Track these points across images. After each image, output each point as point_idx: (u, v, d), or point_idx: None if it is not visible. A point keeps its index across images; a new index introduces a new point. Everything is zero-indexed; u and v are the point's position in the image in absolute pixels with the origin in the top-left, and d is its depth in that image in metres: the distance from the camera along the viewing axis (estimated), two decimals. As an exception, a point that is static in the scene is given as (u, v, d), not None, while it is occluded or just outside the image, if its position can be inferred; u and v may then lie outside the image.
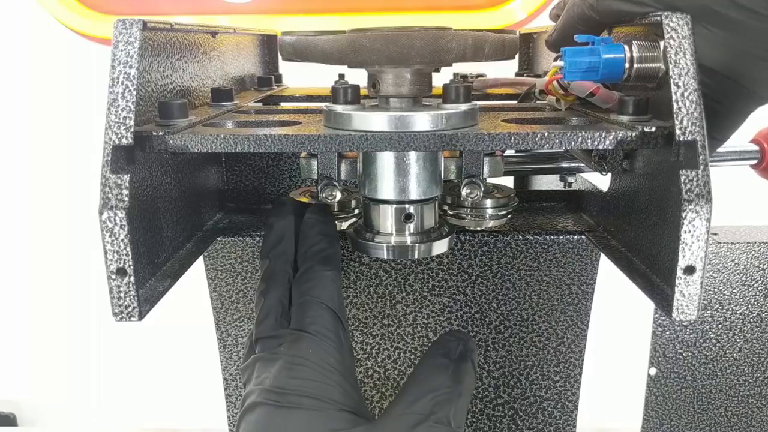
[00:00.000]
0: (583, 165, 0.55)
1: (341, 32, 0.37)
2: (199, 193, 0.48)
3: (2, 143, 1.27)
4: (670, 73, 0.33)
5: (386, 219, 0.43)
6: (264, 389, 0.39)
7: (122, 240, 0.32)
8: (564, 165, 0.58)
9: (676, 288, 0.32)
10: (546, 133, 0.35)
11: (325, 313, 0.41)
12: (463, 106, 0.38)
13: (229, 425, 0.60)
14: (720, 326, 0.70)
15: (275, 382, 0.39)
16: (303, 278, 0.43)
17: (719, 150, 0.58)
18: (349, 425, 0.38)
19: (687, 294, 0.32)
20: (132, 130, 0.33)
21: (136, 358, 1.32)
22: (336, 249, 0.44)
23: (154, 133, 0.34)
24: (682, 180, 0.31)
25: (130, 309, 0.33)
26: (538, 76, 0.62)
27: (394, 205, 0.42)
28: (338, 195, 0.43)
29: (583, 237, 0.51)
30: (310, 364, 0.39)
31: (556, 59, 0.42)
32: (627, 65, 0.36)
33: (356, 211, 0.49)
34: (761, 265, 0.69)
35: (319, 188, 0.43)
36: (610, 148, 0.35)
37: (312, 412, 0.38)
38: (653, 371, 0.72)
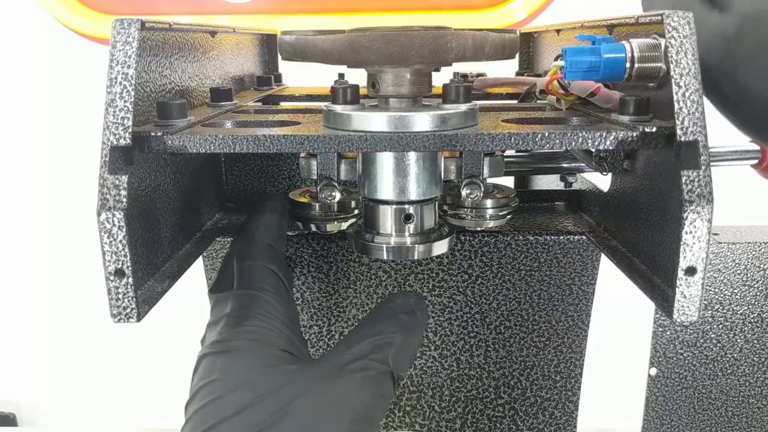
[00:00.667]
0: (583, 165, 0.55)
1: (341, 32, 0.37)
2: (198, 193, 0.48)
3: (1, 143, 1.26)
4: (671, 72, 0.33)
5: (386, 219, 0.43)
6: (208, 344, 0.40)
7: (120, 241, 0.32)
8: (564, 165, 0.58)
9: (677, 289, 0.32)
10: (546, 134, 0.34)
11: (267, 273, 0.42)
12: (463, 106, 0.38)
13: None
14: (721, 326, 0.70)
15: (219, 336, 0.40)
16: (246, 247, 0.44)
17: (720, 150, 0.58)
18: (285, 363, 0.38)
19: (688, 295, 0.32)
20: (130, 130, 0.32)
21: (136, 358, 1.32)
22: (282, 221, 0.46)
23: (153, 134, 0.34)
24: (684, 180, 0.31)
25: (128, 310, 0.33)
26: (539, 75, 0.62)
27: (394, 206, 0.42)
28: (338, 195, 0.42)
29: (584, 237, 0.51)
30: (252, 315, 0.40)
31: (556, 59, 0.42)
32: (628, 65, 0.36)
33: (356, 212, 0.49)
34: (762, 266, 0.68)
35: (318, 188, 0.43)
36: (610, 148, 0.35)
37: (250, 353, 0.38)
38: (654, 371, 0.72)
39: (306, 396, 0.36)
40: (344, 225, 0.49)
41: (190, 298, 0.66)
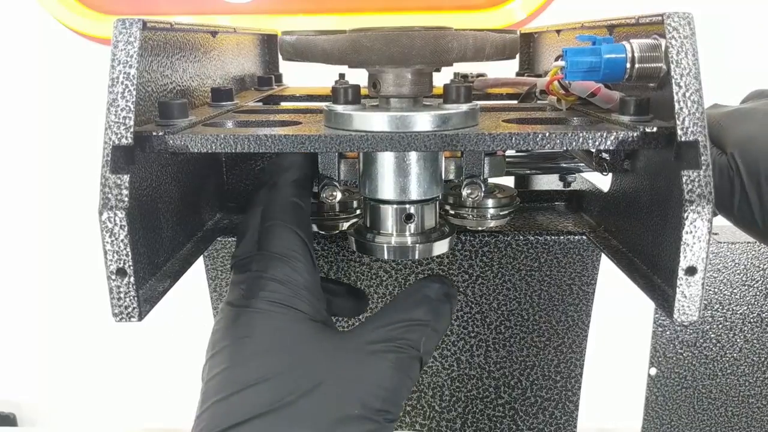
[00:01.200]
0: (582, 165, 0.55)
1: (342, 32, 0.37)
2: (199, 192, 0.48)
3: (1, 143, 1.26)
4: (672, 73, 0.33)
5: (387, 219, 0.43)
6: (230, 302, 0.40)
7: (122, 240, 0.32)
8: (563, 165, 0.58)
9: (677, 289, 0.32)
10: (547, 134, 0.34)
11: (292, 236, 0.41)
12: (464, 106, 0.38)
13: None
14: (720, 326, 0.70)
15: (244, 294, 0.39)
16: (271, 203, 0.42)
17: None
18: (315, 332, 0.38)
19: (688, 295, 0.32)
20: (132, 130, 0.32)
21: (136, 358, 1.32)
22: (307, 179, 0.44)
23: (154, 133, 0.34)
24: (684, 180, 0.31)
25: (130, 309, 0.33)
26: (539, 75, 0.62)
27: (395, 206, 0.42)
28: (338, 195, 0.42)
29: (584, 237, 0.51)
30: (278, 279, 0.39)
31: (557, 59, 0.42)
32: (628, 65, 0.36)
33: (357, 212, 0.49)
34: (761, 265, 0.69)
35: (319, 188, 0.43)
36: (611, 148, 0.35)
37: (279, 317, 0.38)
38: (653, 371, 0.72)
39: (339, 370, 0.37)
40: (345, 225, 0.49)
41: (191, 297, 0.66)
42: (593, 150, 0.45)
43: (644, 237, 0.39)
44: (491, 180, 0.45)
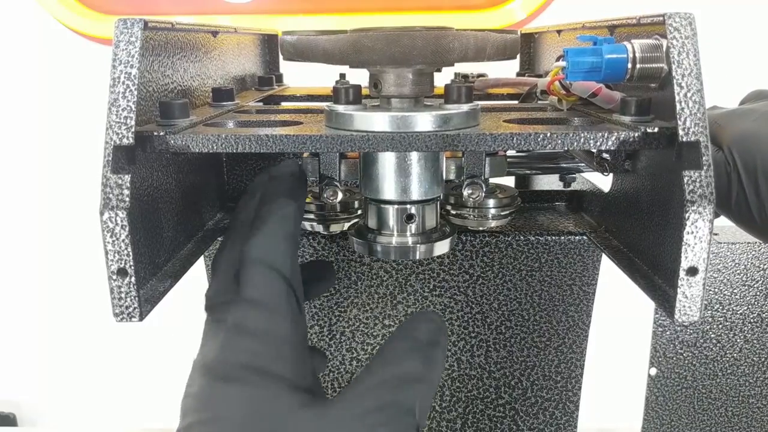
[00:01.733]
0: (582, 165, 0.55)
1: (343, 32, 0.37)
2: (199, 192, 0.48)
3: (1, 144, 1.26)
4: (673, 73, 0.33)
5: (387, 219, 0.43)
6: (205, 363, 0.36)
7: (123, 240, 0.32)
8: (563, 165, 0.58)
9: (678, 289, 0.32)
10: (548, 134, 0.34)
11: (274, 277, 0.36)
12: (465, 107, 0.38)
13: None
14: (720, 326, 0.70)
15: (218, 354, 0.35)
16: (252, 234, 0.37)
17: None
18: (298, 406, 0.34)
19: (689, 295, 0.32)
20: (133, 130, 0.32)
21: (136, 358, 1.32)
22: (297, 207, 0.39)
23: (155, 133, 0.34)
24: (685, 181, 0.31)
25: (130, 309, 0.33)
26: (540, 76, 0.62)
27: (396, 206, 0.42)
28: (339, 195, 0.42)
29: (585, 237, 0.51)
30: (257, 335, 0.35)
31: (558, 59, 0.42)
32: (630, 65, 0.36)
33: (358, 212, 0.49)
34: (762, 266, 0.69)
35: (320, 188, 0.43)
36: (612, 148, 0.35)
37: (257, 389, 0.34)
38: (654, 371, 0.72)
39: None
40: (346, 225, 0.49)
41: (191, 298, 0.66)
42: (594, 150, 0.45)
43: (645, 237, 0.39)
44: (492, 180, 0.45)
